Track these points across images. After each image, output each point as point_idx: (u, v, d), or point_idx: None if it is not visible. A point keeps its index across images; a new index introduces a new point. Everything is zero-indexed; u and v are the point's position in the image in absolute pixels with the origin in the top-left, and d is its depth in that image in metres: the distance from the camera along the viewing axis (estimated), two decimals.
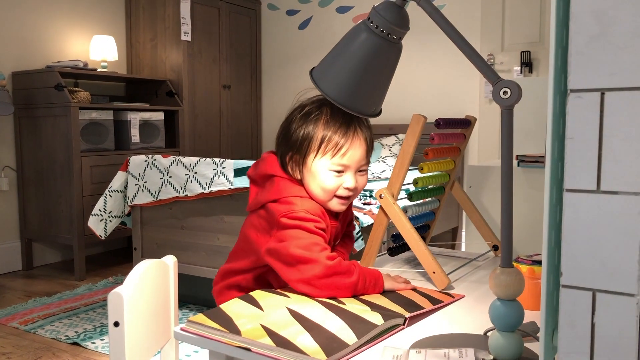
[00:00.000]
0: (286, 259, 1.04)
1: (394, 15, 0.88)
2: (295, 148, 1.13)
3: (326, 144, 1.10)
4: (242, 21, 5.04)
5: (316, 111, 1.12)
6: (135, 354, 0.88)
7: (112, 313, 0.85)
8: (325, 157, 1.11)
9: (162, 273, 1.01)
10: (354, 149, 1.11)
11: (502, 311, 0.78)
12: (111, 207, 2.90)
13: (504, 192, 0.77)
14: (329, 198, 1.13)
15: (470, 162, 4.15)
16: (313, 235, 1.06)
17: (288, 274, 1.05)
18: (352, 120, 1.11)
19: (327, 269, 1.01)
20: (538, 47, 3.85)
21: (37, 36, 3.96)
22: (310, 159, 1.12)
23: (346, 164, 1.12)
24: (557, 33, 0.60)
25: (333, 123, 1.10)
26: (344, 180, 1.12)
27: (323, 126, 1.11)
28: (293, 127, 1.14)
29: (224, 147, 4.86)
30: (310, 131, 1.11)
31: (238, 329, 0.87)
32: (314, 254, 1.02)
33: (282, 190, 1.12)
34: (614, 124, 0.53)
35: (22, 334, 2.66)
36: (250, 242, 1.14)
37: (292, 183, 1.13)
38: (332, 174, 1.11)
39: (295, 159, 1.14)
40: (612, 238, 0.54)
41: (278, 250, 1.06)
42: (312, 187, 1.13)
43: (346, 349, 0.81)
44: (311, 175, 1.12)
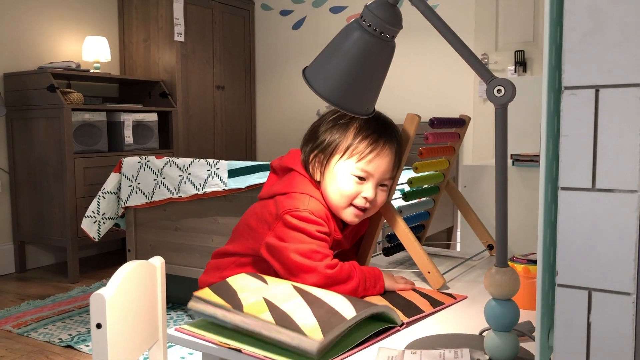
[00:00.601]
0: (285, 263, 1.03)
1: (387, 14, 0.87)
2: (322, 148, 1.11)
3: (354, 148, 1.08)
4: (235, 22, 5.03)
5: (349, 116, 1.10)
6: (119, 356, 0.88)
7: (94, 315, 0.85)
8: (350, 160, 1.09)
9: (149, 274, 1.00)
10: (380, 159, 1.09)
11: (498, 311, 0.77)
12: (105, 208, 2.89)
13: (499, 190, 0.76)
14: (345, 205, 1.10)
15: (464, 162, 4.15)
16: (314, 241, 1.04)
17: (286, 278, 1.04)
18: (384, 131, 1.10)
19: (325, 279, 1.00)
20: (532, 46, 3.86)
21: (29, 37, 3.94)
22: (334, 160, 1.10)
23: (370, 172, 1.09)
24: (550, 30, 0.59)
25: (365, 129, 1.09)
26: (364, 189, 1.09)
27: (354, 131, 1.09)
28: (322, 128, 1.12)
29: (217, 148, 4.85)
30: (340, 133, 1.10)
31: (241, 304, 0.87)
32: (313, 263, 1.01)
33: (295, 185, 1.10)
34: (609, 121, 0.52)
35: (15, 337, 2.64)
36: (250, 228, 1.12)
37: (307, 180, 1.12)
38: (353, 180, 1.09)
39: (319, 158, 1.12)
40: (607, 236, 0.53)
41: (278, 250, 1.04)
42: (330, 189, 1.10)
43: (343, 323, 0.81)
44: (332, 177, 1.10)
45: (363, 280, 1.04)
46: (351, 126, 1.10)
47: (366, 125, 1.09)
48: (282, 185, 1.11)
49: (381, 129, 1.10)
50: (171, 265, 2.82)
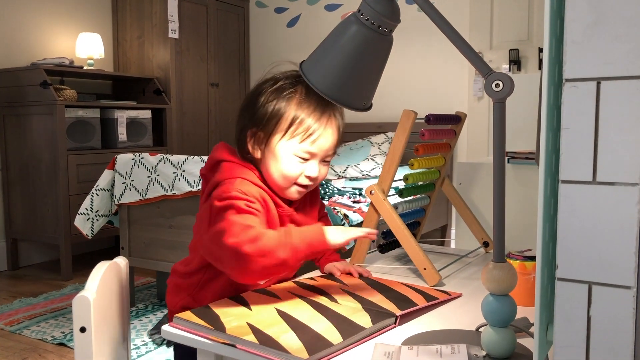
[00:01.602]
0: (212, 252, 0.97)
1: (385, 8, 0.86)
2: (262, 124, 1.03)
3: (297, 127, 1.01)
4: (230, 19, 5.01)
5: (290, 88, 1.02)
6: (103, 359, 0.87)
7: (77, 318, 0.82)
8: (292, 140, 1.02)
9: (117, 274, 0.99)
10: (325, 137, 1.03)
11: (495, 306, 0.77)
12: (98, 206, 2.87)
13: (496, 185, 0.76)
14: (288, 185, 1.05)
15: (459, 160, 4.16)
16: (240, 215, 0.95)
17: (225, 270, 0.97)
18: (327, 105, 1.02)
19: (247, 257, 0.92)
20: (526, 45, 3.86)
21: (22, 33, 3.91)
22: (275, 139, 1.03)
23: (314, 152, 1.03)
24: (551, 23, 0.59)
25: (307, 105, 1.01)
26: (307, 168, 1.04)
27: (296, 106, 1.01)
28: (261, 101, 1.04)
29: (211, 146, 4.82)
30: (280, 108, 1.02)
31: (224, 326, 0.86)
32: (233, 239, 0.93)
33: (225, 172, 1.02)
34: (610, 114, 0.52)
35: (7, 335, 2.62)
36: (195, 239, 1.07)
37: (239, 166, 1.04)
38: (296, 160, 1.03)
39: (258, 136, 1.04)
40: (608, 230, 0.53)
41: (208, 242, 0.98)
42: (272, 170, 1.04)
43: (329, 348, 0.80)
44: (273, 157, 1.03)
45: (294, 251, 0.94)
46: (293, 100, 1.02)
47: (308, 98, 1.02)
48: (213, 180, 1.04)
49: (324, 103, 1.02)
50: (165, 262, 2.80)
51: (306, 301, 0.98)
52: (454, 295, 1.06)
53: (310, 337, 0.83)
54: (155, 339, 1.17)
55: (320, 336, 0.83)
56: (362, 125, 4.39)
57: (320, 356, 0.78)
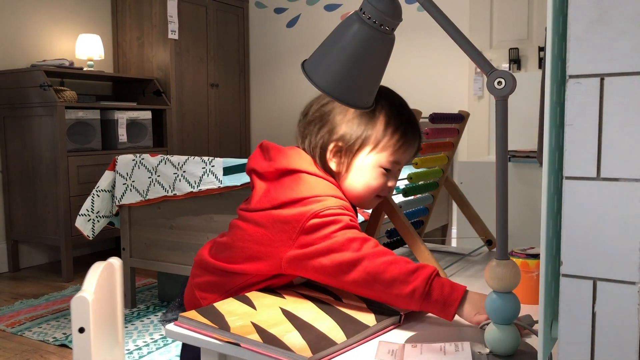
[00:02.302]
0: (320, 268, 0.93)
1: (387, 6, 0.86)
2: (346, 140, 1.03)
3: (386, 142, 1.02)
4: (229, 19, 5.02)
5: (375, 101, 1.00)
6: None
7: (76, 319, 0.82)
8: (382, 153, 1.03)
9: (112, 275, 0.99)
10: (411, 149, 1.06)
11: (499, 304, 0.77)
12: (99, 207, 2.87)
13: (499, 182, 0.76)
14: (370, 197, 1.05)
15: (459, 159, 4.16)
16: (348, 230, 0.94)
17: (328, 283, 0.95)
18: (412, 121, 1.06)
19: (377, 268, 0.89)
20: (526, 44, 3.86)
21: (21, 35, 3.91)
22: (362, 154, 1.03)
23: (400, 163, 1.05)
24: (554, 20, 0.59)
25: (394, 121, 1.03)
26: (390, 179, 1.06)
27: (383, 123, 1.03)
28: (340, 118, 1.03)
29: (212, 146, 4.83)
30: (367, 126, 1.02)
31: (228, 325, 0.86)
32: (355, 253, 0.91)
33: (313, 188, 0.98)
34: (614, 110, 0.52)
35: (9, 336, 2.62)
36: (256, 246, 0.99)
37: (321, 180, 1.01)
38: (381, 172, 1.04)
39: (342, 151, 1.03)
40: (612, 225, 0.53)
41: (305, 258, 0.94)
42: (356, 183, 1.04)
43: (333, 347, 0.80)
44: (359, 170, 1.03)
45: (428, 288, 0.87)
46: (378, 116, 1.03)
47: (394, 115, 1.04)
48: (293, 191, 0.98)
49: (409, 119, 1.05)
50: (166, 263, 2.80)
51: (310, 300, 0.99)
52: None
53: (314, 336, 0.83)
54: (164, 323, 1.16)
55: (324, 335, 0.83)
56: None
57: (323, 355, 0.78)
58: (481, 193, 2.13)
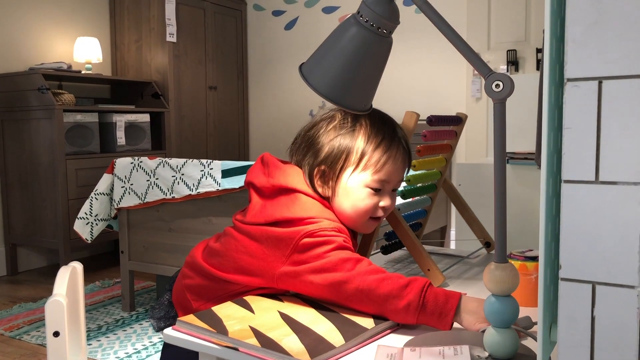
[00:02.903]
0: (310, 287, 0.94)
1: (384, 9, 0.86)
2: (328, 162, 1.01)
3: (368, 158, 1.00)
4: (227, 22, 5.02)
5: (353, 122, 1.01)
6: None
7: (51, 323, 0.82)
8: (365, 172, 1.00)
9: (75, 280, 0.99)
10: (396, 165, 1.02)
11: (497, 307, 0.77)
12: (97, 210, 2.87)
13: (498, 185, 0.76)
14: (364, 220, 1.03)
15: (457, 161, 4.16)
16: (341, 251, 0.93)
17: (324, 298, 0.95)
18: (394, 134, 1.02)
19: (370, 286, 0.89)
20: (524, 46, 3.87)
21: (19, 38, 3.90)
22: (345, 175, 1.00)
23: (387, 180, 1.01)
24: (551, 23, 0.59)
25: (375, 136, 1.00)
26: (381, 199, 1.02)
27: (363, 139, 1.00)
28: (323, 139, 1.02)
29: (210, 149, 4.83)
30: (347, 144, 1.00)
31: (226, 329, 0.86)
32: (346, 274, 0.90)
33: (308, 209, 0.97)
34: (612, 113, 0.52)
35: (7, 340, 2.61)
36: (249, 258, 0.99)
37: (316, 202, 1.01)
38: (368, 193, 1.01)
39: (326, 174, 1.02)
40: (611, 229, 0.53)
41: (297, 276, 0.94)
42: (345, 206, 1.01)
43: (331, 351, 0.80)
44: (345, 193, 1.01)
45: (422, 300, 0.87)
46: (358, 133, 1.00)
47: (374, 130, 1.01)
48: (289, 210, 0.98)
49: (391, 132, 1.02)
50: (165, 266, 2.80)
51: (309, 304, 0.98)
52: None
53: (312, 340, 0.83)
54: (152, 322, 1.15)
55: (322, 339, 0.83)
56: None
57: (322, 359, 0.78)
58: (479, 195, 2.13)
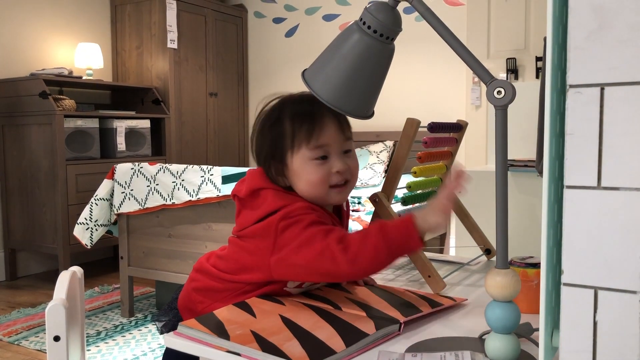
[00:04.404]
0: (297, 266, 0.97)
1: (387, 16, 0.87)
2: (271, 154, 1.05)
3: (297, 134, 1.02)
4: (228, 29, 5.03)
5: (278, 111, 1.05)
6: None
7: (51, 327, 0.82)
8: (300, 148, 1.02)
9: (74, 284, 0.99)
10: (327, 128, 1.02)
11: (499, 313, 0.77)
12: (97, 215, 2.87)
13: (499, 191, 0.76)
14: (325, 190, 1.04)
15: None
16: (314, 226, 0.96)
17: (312, 280, 0.99)
18: (312, 103, 1.01)
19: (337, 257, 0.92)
20: (523, 53, 3.88)
21: (21, 43, 3.92)
22: (288, 159, 1.03)
23: (325, 143, 1.02)
24: (553, 29, 0.59)
25: (296, 113, 1.04)
26: (332, 165, 1.03)
27: (289, 120, 1.03)
28: (261, 137, 1.07)
29: (210, 155, 4.83)
30: (278, 131, 1.04)
31: (228, 334, 0.86)
32: (321, 246, 0.94)
33: (278, 200, 1.02)
34: (614, 119, 0.52)
35: (6, 346, 2.60)
36: (248, 256, 1.05)
37: (284, 193, 1.04)
38: (315, 164, 1.02)
39: (276, 167, 1.05)
40: (613, 234, 0.53)
41: (284, 260, 0.97)
42: (301, 186, 1.04)
43: (332, 356, 0.80)
44: (297, 175, 1.03)
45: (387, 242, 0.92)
46: (283, 118, 1.04)
47: (294, 108, 1.04)
48: (260, 209, 1.03)
49: (309, 103, 1.03)
50: (164, 272, 2.80)
51: (310, 308, 0.98)
52: (459, 301, 1.06)
53: (314, 345, 0.83)
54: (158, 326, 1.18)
55: (324, 344, 0.83)
56: (360, 134, 4.40)
57: None
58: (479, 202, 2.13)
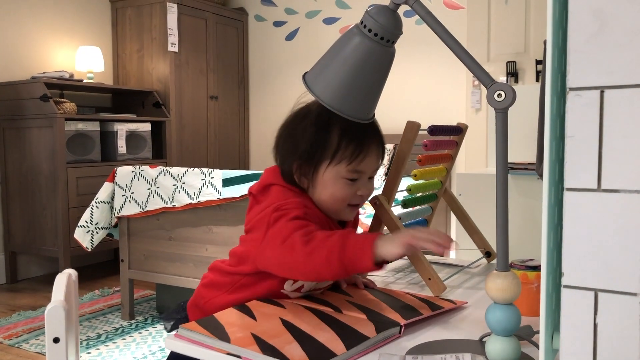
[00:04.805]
0: (265, 258, 1.00)
1: (387, 19, 0.87)
2: (306, 156, 1.06)
3: (343, 151, 1.04)
4: (229, 32, 5.04)
5: (327, 118, 1.04)
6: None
7: (51, 329, 0.82)
8: (340, 165, 1.05)
9: (70, 287, 1.00)
10: (369, 157, 1.06)
11: (499, 315, 0.77)
12: (98, 218, 2.87)
13: (500, 194, 0.76)
14: (342, 207, 1.08)
15: (457, 171, 4.17)
16: (293, 221, 0.98)
17: (282, 274, 1.01)
18: (367, 128, 1.05)
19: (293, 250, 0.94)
20: (523, 57, 3.89)
21: (22, 47, 3.92)
22: (322, 168, 1.05)
23: (361, 171, 1.06)
24: (553, 33, 0.60)
25: (348, 132, 1.04)
26: (358, 187, 1.07)
27: (338, 132, 1.04)
28: (301, 134, 1.07)
29: (211, 158, 4.84)
30: (323, 138, 1.05)
31: (228, 337, 0.86)
32: (286, 240, 0.96)
33: (280, 196, 1.04)
34: (614, 122, 0.53)
35: (6, 349, 2.60)
36: (243, 256, 1.08)
37: (288, 191, 1.06)
38: (345, 182, 1.06)
39: (304, 168, 1.07)
40: (613, 237, 0.53)
41: (263, 250, 1.00)
42: (323, 196, 1.06)
43: (333, 359, 0.80)
44: (322, 184, 1.06)
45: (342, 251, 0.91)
46: (333, 127, 1.05)
47: (347, 126, 1.05)
48: (264, 204, 1.06)
49: (363, 127, 1.05)
50: (165, 275, 2.80)
51: (311, 311, 0.99)
52: (459, 304, 1.06)
53: (314, 348, 0.83)
54: (165, 324, 1.19)
55: (324, 347, 0.83)
56: None
57: None
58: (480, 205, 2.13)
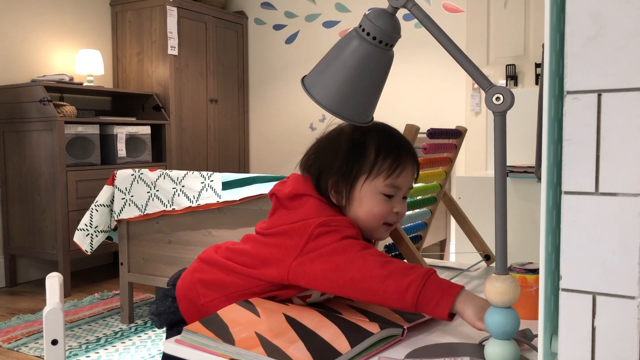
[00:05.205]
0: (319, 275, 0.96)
1: (386, 23, 0.88)
2: (341, 172, 1.05)
3: (380, 164, 1.04)
4: (229, 35, 5.05)
5: (362, 135, 1.06)
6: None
7: (49, 331, 0.82)
8: (377, 179, 1.04)
9: (59, 287, 1.00)
10: (406, 172, 1.06)
11: (499, 318, 0.77)
12: (97, 221, 2.87)
13: (499, 197, 0.76)
14: (378, 225, 1.06)
15: (457, 174, 4.17)
16: (349, 239, 0.97)
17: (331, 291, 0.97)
18: (402, 145, 1.07)
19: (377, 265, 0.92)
20: (523, 60, 3.89)
21: (22, 50, 3.93)
22: (359, 183, 1.05)
23: (399, 186, 1.06)
24: (551, 37, 0.60)
25: (385, 145, 1.05)
26: (394, 205, 1.06)
27: (374, 148, 1.05)
28: (335, 152, 1.07)
29: (211, 161, 4.84)
30: (359, 154, 1.05)
31: (232, 338, 0.86)
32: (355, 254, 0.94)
33: (320, 210, 1.03)
34: (612, 125, 0.53)
35: (5, 352, 2.60)
36: (269, 249, 1.03)
37: (328, 207, 1.05)
38: (382, 198, 1.05)
39: (340, 185, 1.05)
40: (611, 240, 0.53)
41: (309, 261, 0.97)
42: (360, 213, 1.05)
43: (338, 358, 0.80)
44: (359, 200, 1.05)
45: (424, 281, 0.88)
46: (369, 143, 1.05)
47: (384, 139, 1.06)
48: (299, 213, 1.04)
49: (399, 143, 1.07)
50: (164, 278, 2.79)
51: (314, 307, 0.99)
52: None
53: (319, 347, 0.83)
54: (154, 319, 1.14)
55: (329, 345, 0.83)
56: None
57: None
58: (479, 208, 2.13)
